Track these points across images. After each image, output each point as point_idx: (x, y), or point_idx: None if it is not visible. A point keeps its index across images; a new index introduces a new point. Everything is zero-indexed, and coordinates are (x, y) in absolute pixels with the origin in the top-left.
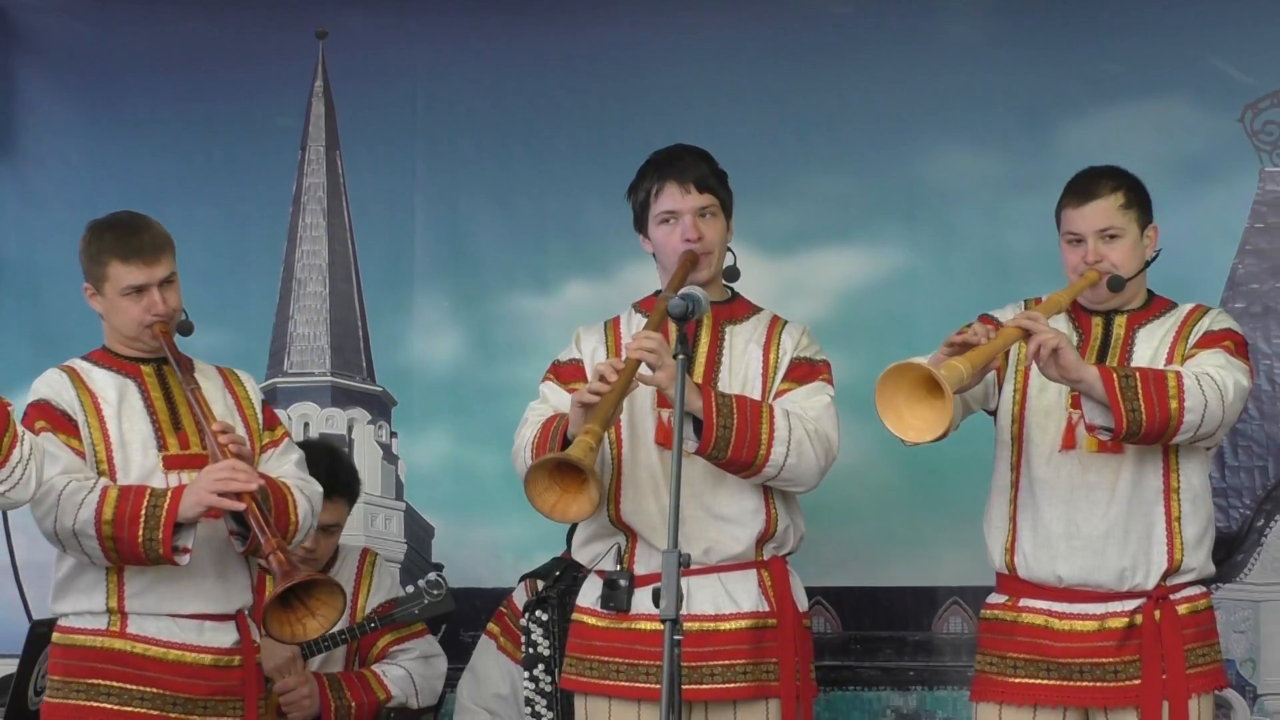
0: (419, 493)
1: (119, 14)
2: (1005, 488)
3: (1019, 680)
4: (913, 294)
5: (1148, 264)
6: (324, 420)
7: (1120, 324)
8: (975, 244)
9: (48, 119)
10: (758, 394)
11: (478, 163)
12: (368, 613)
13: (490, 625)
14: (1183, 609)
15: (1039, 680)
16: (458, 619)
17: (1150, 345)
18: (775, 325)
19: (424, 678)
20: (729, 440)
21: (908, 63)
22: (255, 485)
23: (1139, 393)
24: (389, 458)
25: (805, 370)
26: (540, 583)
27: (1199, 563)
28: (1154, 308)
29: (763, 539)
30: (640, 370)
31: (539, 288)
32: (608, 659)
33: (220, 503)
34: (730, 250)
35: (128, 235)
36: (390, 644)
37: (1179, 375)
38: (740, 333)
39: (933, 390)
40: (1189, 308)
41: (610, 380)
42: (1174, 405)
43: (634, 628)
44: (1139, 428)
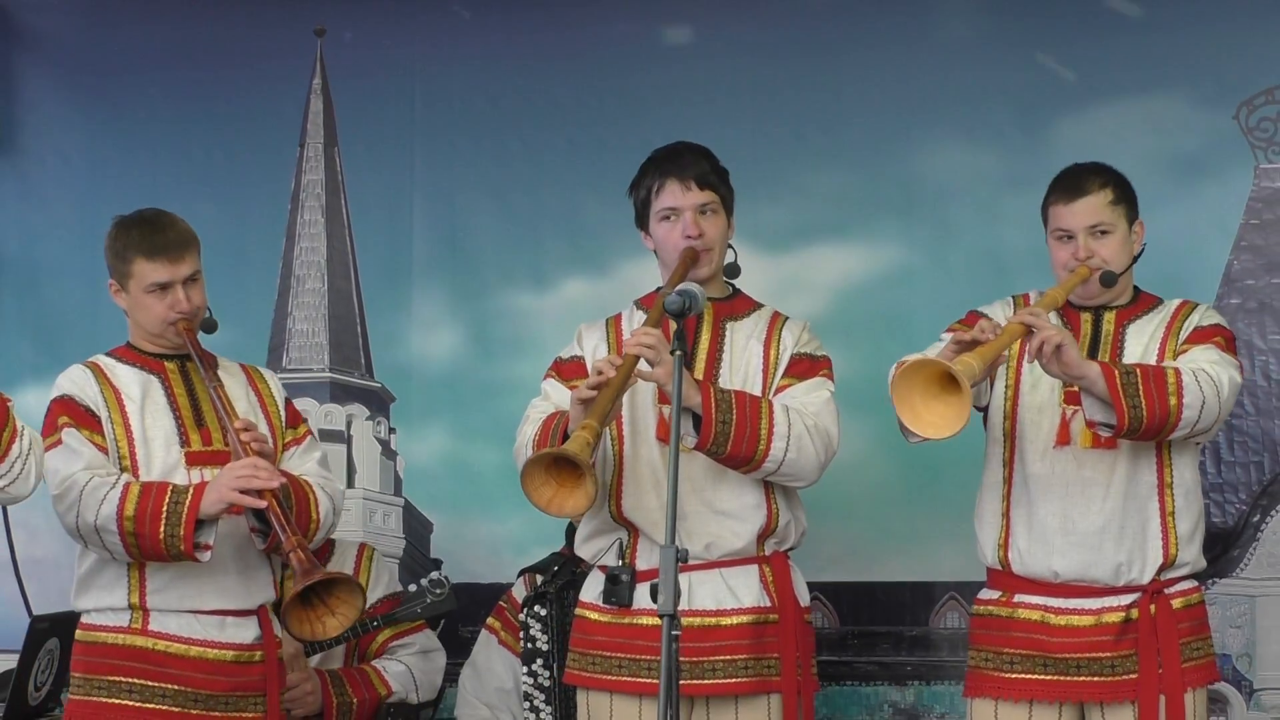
0: (417, 488)
1: (119, 12)
2: (997, 484)
3: (1015, 676)
4: (909, 290)
5: (1135, 259)
6: (322, 416)
7: (1109, 320)
8: (971, 240)
9: (48, 117)
10: (758, 390)
11: (476, 160)
12: (367, 607)
13: (490, 620)
14: (1177, 603)
15: (1036, 675)
16: (457, 614)
17: (1140, 341)
18: (776, 321)
19: (424, 672)
20: (728, 436)
21: (904, 60)
22: (276, 483)
23: (1140, 389)
24: (387, 453)
25: (806, 366)
26: (539, 577)
27: (1192, 556)
28: (1141, 304)
29: (764, 534)
30: (639, 366)
31: (537, 284)
32: (609, 654)
33: (242, 500)
34: (731, 247)
35: (153, 232)
36: (389, 639)
37: (1178, 372)
38: (741, 329)
39: (947, 387)
40: (1176, 304)
41: (608, 374)
42: (1173, 401)
43: (635, 623)
44: (1140, 424)
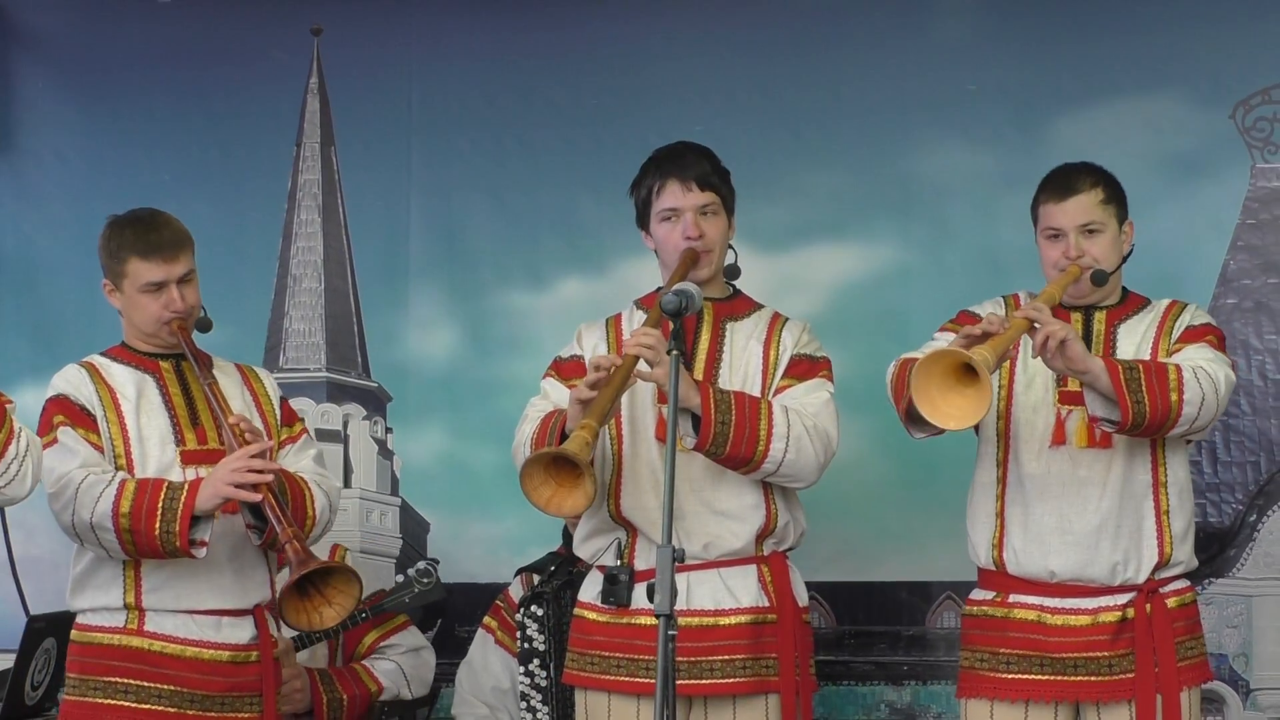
0: (414, 488)
1: (116, 11)
2: (991, 484)
3: (1012, 676)
4: (906, 289)
5: (1125, 258)
6: (319, 415)
7: (1100, 320)
8: (968, 239)
9: (45, 115)
10: (758, 390)
11: (472, 159)
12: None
13: (487, 619)
14: (1171, 602)
15: (1032, 675)
16: (453, 614)
17: (1132, 341)
18: (776, 322)
19: (413, 668)
20: (727, 436)
21: (901, 59)
22: (271, 476)
23: (1143, 385)
24: (384, 453)
25: (805, 367)
26: (536, 577)
27: (1185, 555)
28: (1131, 304)
29: (763, 534)
30: (638, 366)
31: (533, 283)
32: (608, 654)
33: (237, 494)
34: (732, 248)
35: (147, 232)
36: (376, 640)
37: (1178, 368)
38: (741, 329)
39: (963, 378)
40: (1166, 304)
41: (604, 367)
42: (1174, 397)
43: (634, 623)
44: (1143, 419)
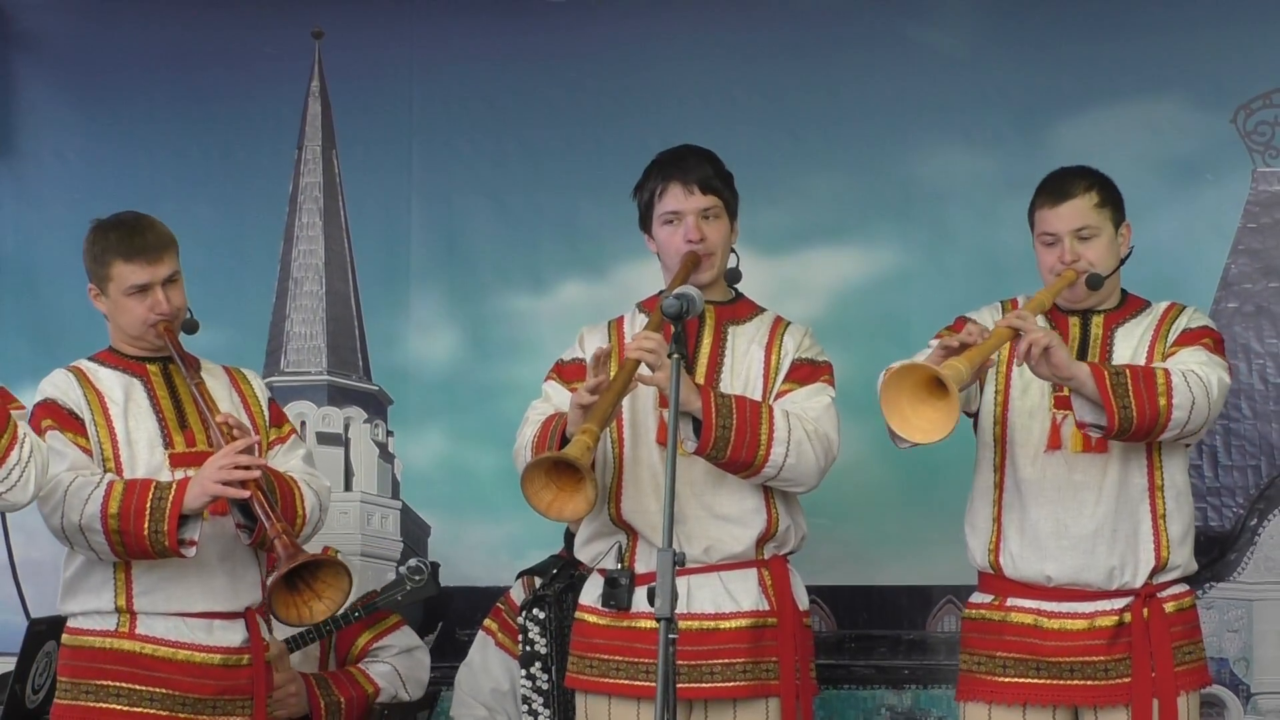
0: (415, 491)
1: (117, 13)
2: (989, 489)
3: (1009, 680)
4: (907, 293)
5: (1122, 262)
6: (320, 419)
7: (1098, 324)
8: (969, 243)
9: (46, 117)
10: (759, 394)
11: (473, 162)
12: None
13: (488, 621)
14: (1169, 607)
15: (1029, 679)
16: (454, 617)
17: (1129, 344)
18: (778, 326)
19: (409, 669)
20: (728, 440)
21: (901, 63)
22: (258, 473)
23: (1130, 390)
24: (385, 456)
25: (807, 371)
26: (538, 580)
27: (1183, 560)
28: (1129, 307)
29: (764, 539)
30: (640, 370)
31: (534, 287)
32: (608, 657)
33: (225, 491)
34: (734, 251)
35: (130, 235)
36: (369, 642)
37: (1167, 373)
38: (743, 333)
39: (935, 391)
40: (1164, 306)
41: (601, 359)
42: (1163, 402)
43: (634, 626)
44: (1130, 424)
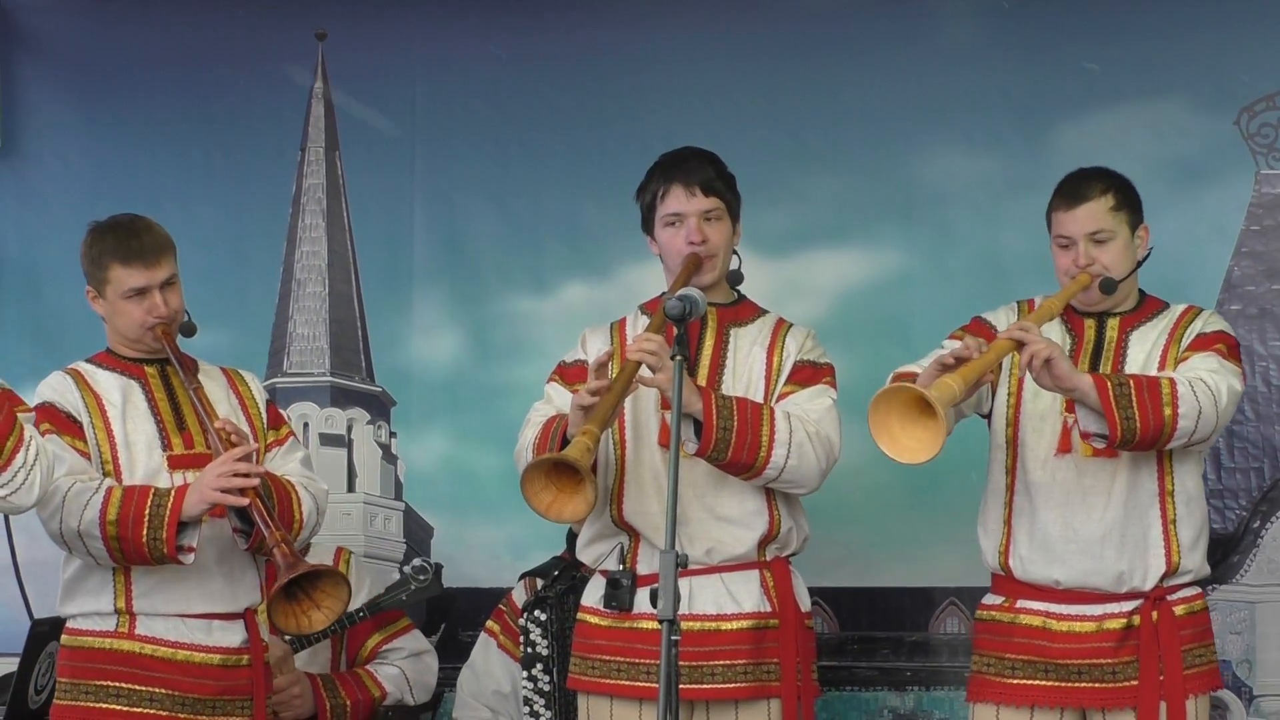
0: (418, 493)
1: (119, 14)
2: (1000, 491)
3: (1017, 681)
4: (909, 295)
5: (1139, 264)
6: (323, 420)
7: (1113, 326)
8: (971, 245)
9: (48, 118)
10: (761, 396)
11: (475, 163)
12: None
13: (490, 623)
14: (1179, 610)
15: (1037, 681)
16: (457, 619)
17: (1143, 348)
18: (780, 328)
19: (417, 673)
20: (729, 442)
21: (903, 64)
22: (257, 480)
23: (1133, 400)
24: (388, 458)
25: (809, 373)
26: (539, 581)
27: (1195, 564)
28: (1146, 309)
29: (765, 540)
30: (641, 372)
31: (537, 288)
32: (609, 658)
33: (223, 499)
34: (736, 253)
35: (128, 238)
36: (379, 644)
37: (1173, 382)
38: (745, 335)
39: (925, 411)
40: (1181, 309)
41: (603, 365)
42: (1168, 412)
43: (635, 627)
44: (1133, 435)
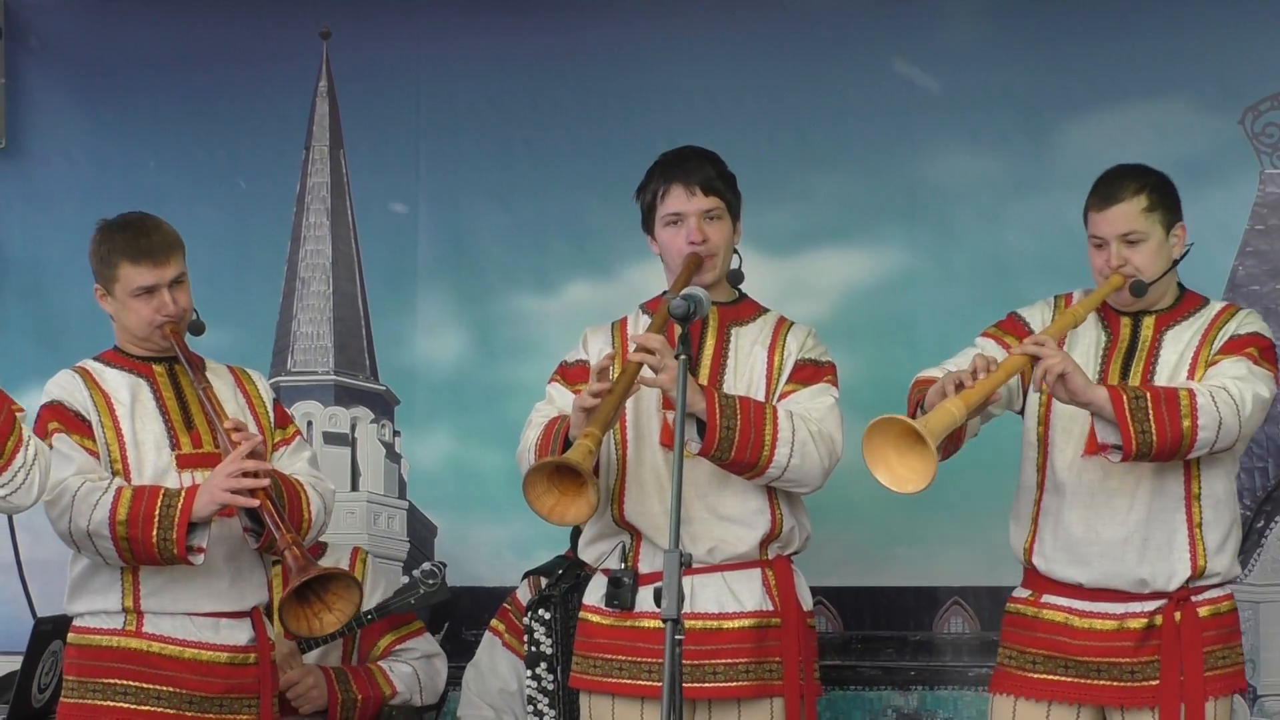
0: (422, 491)
1: (124, 13)
2: (1031, 488)
3: (1037, 675)
4: (913, 294)
5: (1175, 263)
6: (327, 419)
7: (1148, 325)
8: (975, 244)
9: (52, 117)
10: (762, 395)
11: (480, 163)
12: (364, 613)
13: (494, 622)
14: (1204, 611)
15: (1056, 676)
16: (461, 618)
17: (1176, 348)
18: (781, 327)
19: (427, 675)
20: (732, 441)
21: (908, 63)
22: (267, 481)
23: (1150, 414)
24: (392, 456)
25: (810, 372)
26: (544, 580)
27: (1224, 566)
28: (1184, 306)
29: (768, 539)
30: (642, 372)
31: (541, 287)
32: (611, 657)
33: (234, 500)
34: (737, 253)
35: (137, 236)
36: (392, 643)
37: (1192, 393)
38: (746, 334)
39: (920, 439)
40: (1219, 307)
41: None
42: (1186, 424)
43: (637, 626)
44: (1149, 448)
